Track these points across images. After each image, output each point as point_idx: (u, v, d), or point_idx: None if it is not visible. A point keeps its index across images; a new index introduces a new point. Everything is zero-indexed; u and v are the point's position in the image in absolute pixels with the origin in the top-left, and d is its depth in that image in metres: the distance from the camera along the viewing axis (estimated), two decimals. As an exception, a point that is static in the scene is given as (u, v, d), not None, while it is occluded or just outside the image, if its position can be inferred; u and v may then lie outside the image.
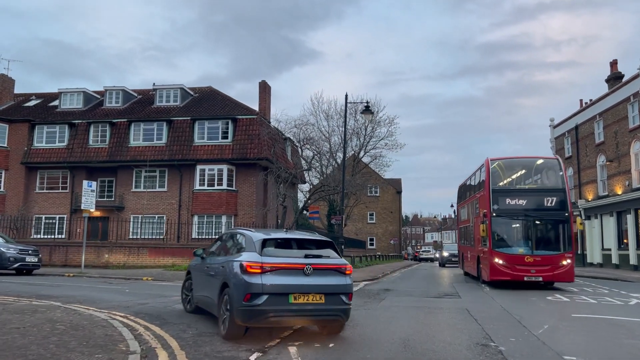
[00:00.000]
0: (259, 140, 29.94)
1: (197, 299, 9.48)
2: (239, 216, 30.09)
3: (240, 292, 7.06)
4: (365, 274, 22.91)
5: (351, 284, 7.80)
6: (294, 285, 7.11)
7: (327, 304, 7.27)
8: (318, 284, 7.24)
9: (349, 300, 7.62)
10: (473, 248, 20.76)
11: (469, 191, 22.72)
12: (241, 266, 7.22)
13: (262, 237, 7.65)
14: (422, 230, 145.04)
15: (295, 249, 7.71)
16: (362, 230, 64.18)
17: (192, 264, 10.37)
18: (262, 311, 6.96)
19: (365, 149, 47.88)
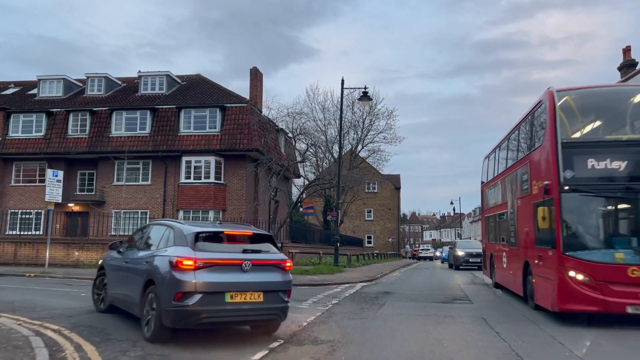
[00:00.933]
0: (249, 130, 27.93)
1: (113, 297, 8.55)
2: (228, 211, 28.09)
3: (170, 290, 6.44)
4: (362, 274, 20.96)
5: (290, 281, 7.40)
6: (230, 282, 6.62)
7: (265, 302, 6.85)
8: (257, 281, 6.81)
9: (287, 298, 7.24)
10: (515, 249, 12.97)
11: (507, 157, 14.51)
12: (171, 262, 6.57)
13: (194, 230, 7.03)
14: (421, 229, 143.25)
15: (232, 243, 7.24)
16: (360, 228, 62.24)
17: (106, 258, 9.38)
18: (194, 312, 6.39)
19: (362, 142, 45.89)
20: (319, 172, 40.40)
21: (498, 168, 15.82)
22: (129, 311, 7.84)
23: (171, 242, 7.14)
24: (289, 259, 7.54)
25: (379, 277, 20.91)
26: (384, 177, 57.80)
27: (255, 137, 27.68)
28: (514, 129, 13.90)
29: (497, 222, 16.07)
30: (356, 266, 26.63)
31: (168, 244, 7.17)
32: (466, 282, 19.63)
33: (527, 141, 12.06)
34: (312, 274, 19.35)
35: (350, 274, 20.74)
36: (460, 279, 21.06)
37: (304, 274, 19.16)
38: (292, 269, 19.34)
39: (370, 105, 45.90)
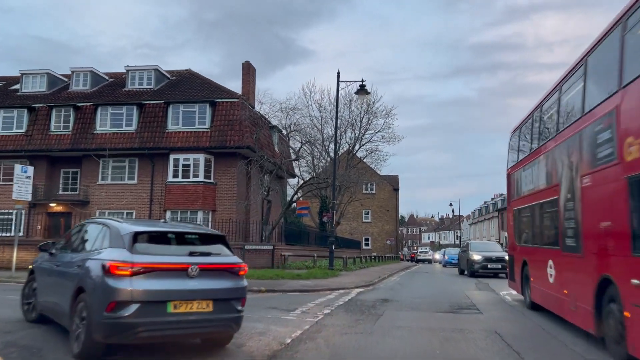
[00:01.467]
0: (240, 127, 26.55)
1: (43, 306, 7.60)
2: (218, 212, 26.69)
3: (102, 300, 5.59)
4: (359, 279, 19.58)
5: (245, 287, 6.54)
6: (174, 290, 5.81)
7: (215, 312, 6.05)
8: (205, 288, 6.01)
9: (241, 307, 6.43)
10: (576, 256, 8.48)
11: (558, 118, 10.01)
12: (104, 266, 5.70)
13: (132, 229, 6.12)
14: (419, 231, 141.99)
15: (177, 244, 6.40)
16: (357, 230, 60.85)
17: (37, 261, 8.38)
18: (130, 324, 5.54)
19: (360, 142, 44.57)
20: (314, 171, 39.05)
21: (540, 138, 11.08)
22: (59, 322, 6.92)
23: (107, 243, 6.22)
24: (243, 263, 6.65)
25: (376, 281, 19.53)
26: (382, 178, 56.50)
27: (247, 134, 26.30)
28: (574, 68, 9.23)
29: (536, 216, 11.14)
30: (353, 270, 25.25)
31: (103, 245, 6.25)
32: (470, 287, 18.27)
33: (611, 76, 7.27)
34: (304, 279, 17.96)
35: (346, 279, 19.35)
36: (463, 284, 19.71)
37: (296, 279, 17.78)
38: (284, 274, 17.93)
39: (368, 103, 44.66)
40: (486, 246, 26.76)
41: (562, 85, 9.92)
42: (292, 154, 30.39)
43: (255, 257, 22.00)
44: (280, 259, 23.04)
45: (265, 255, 22.33)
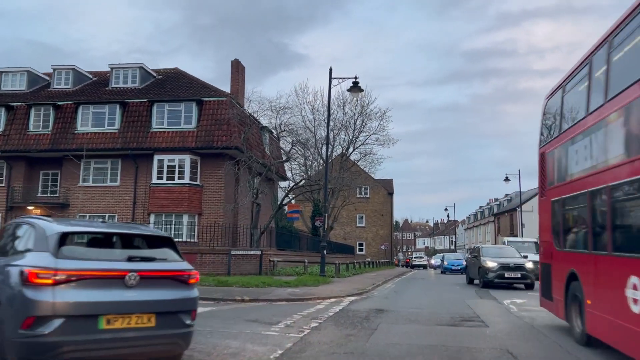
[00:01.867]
0: (228, 127, 25.36)
1: None
2: (204, 215, 25.45)
3: (17, 314, 4.67)
4: (352, 286, 18.39)
5: (196, 298, 5.74)
6: (108, 302, 4.92)
7: (159, 327, 5.19)
8: (146, 299, 5.15)
9: (191, 320, 5.58)
10: None
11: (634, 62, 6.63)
12: (21, 274, 4.79)
13: (60, 229, 5.19)
14: (413, 236, 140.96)
15: (115, 248, 5.69)
16: (351, 235, 59.63)
17: None
18: (51, 344, 4.63)
19: (354, 144, 43.48)
20: (307, 174, 37.87)
21: (610, 90, 7.19)
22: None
23: (30, 245, 5.28)
24: (194, 270, 5.78)
25: (370, 289, 18.34)
26: (377, 182, 55.49)
27: (235, 134, 25.12)
28: None
29: (601, 207, 7.42)
30: (345, 276, 24.05)
31: (27, 248, 5.32)
32: (470, 295, 17.10)
33: None
34: (293, 286, 16.75)
35: (338, 286, 18.16)
36: (462, 291, 18.56)
37: (284, 286, 16.57)
38: (271, 281, 16.67)
39: (362, 105, 43.67)
40: (500, 251, 22.35)
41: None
42: (283, 156, 29.17)
43: (242, 263, 20.80)
44: (269, 265, 21.83)
45: (253, 261, 21.12)
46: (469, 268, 23.58)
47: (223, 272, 20.04)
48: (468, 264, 23.90)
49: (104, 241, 5.63)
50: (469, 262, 23.72)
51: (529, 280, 19.49)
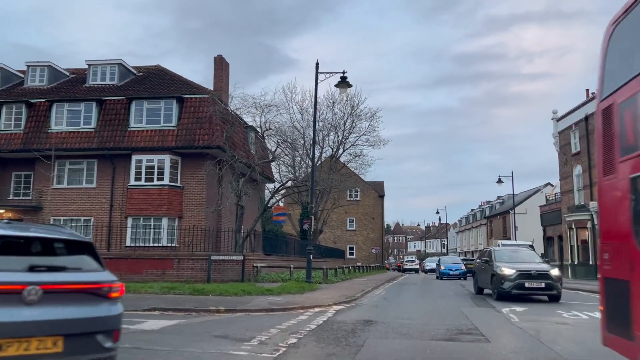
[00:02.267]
0: (210, 125, 24.12)
1: None
2: (185, 218, 24.17)
3: None
4: (339, 293, 17.19)
5: (119, 315, 4.66)
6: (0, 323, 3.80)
7: (68, 353, 4.11)
8: (51, 318, 4.08)
9: (113, 343, 4.48)
10: None
11: None
12: None
13: None
14: (405, 239, 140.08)
15: (14, 255, 4.36)
16: (341, 238, 58.51)
17: None
18: None
19: (344, 145, 42.37)
20: (295, 176, 36.66)
21: None
22: None
23: None
24: (117, 282, 4.81)
25: (359, 296, 17.15)
26: (367, 184, 54.36)
27: (217, 133, 23.89)
28: None
29: None
30: (333, 282, 22.85)
31: None
32: (465, 302, 15.97)
33: None
34: (275, 294, 15.53)
35: (325, 293, 16.96)
36: (456, 298, 17.41)
37: (265, 295, 15.34)
38: (252, 289, 15.37)
39: (352, 105, 42.64)
40: (517, 255, 18.28)
41: None
42: (269, 155, 27.94)
43: (223, 269, 19.55)
44: (252, 271, 20.59)
45: (235, 267, 19.87)
46: (478, 275, 19.47)
47: (202, 279, 18.81)
48: (477, 271, 19.83)
49: None
50: (477, 268, 19.74)
51: (555, 291, 15.93)
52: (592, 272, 29.31)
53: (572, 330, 10.11)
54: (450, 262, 36.37)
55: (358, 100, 42.82)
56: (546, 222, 41.51)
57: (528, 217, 50.50)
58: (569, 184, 35.62)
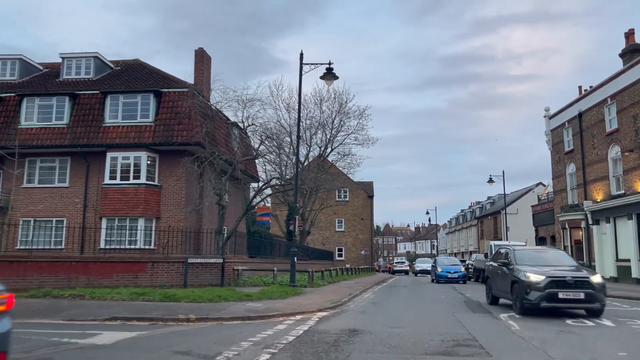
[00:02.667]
0: (189, 121, 22.88)
1: None
2: (163, 219, 22.89)
3: None
4: (324, 298, 16.04)
5: (6, 333, 3.86)
6: None
7: None
8: None
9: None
10: None
11: None
12: None
13: None
14: (395, 241, 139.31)
15: None
16: (330, 240, 57.37)
17: None
18: None
19: (332, 144, 41.28)
20: (281, 175, 35.44)
21: None
22: None
23: None
24: (4, 291, 4.16)
25: (346, 300, 16.01)
26: (356, 185, 53.35)
27: (197, 129, 22.66)
28: None
29: None
30: (319, 285, 21.69)
31: None
32: (458, 307, 14.87)
33: None
34: (255, 300, 14.35)
35: (309, 298, 15.81)
36: (448, 303, 16.32)
37: (244, 300, 14.14)
38: (230, 294, 14.14)
39: (340, 103, 41.54)
40: (544, 256, 14.33)
41: None
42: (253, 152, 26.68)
43: (201, 273, 18.33)
44: (232, 274, 19.38)
45: (214, 271, 18.65)
46: (492, 281, 15.74)
47: (179, 284, 17.57)
48: (490, 276, 16.05)
49: None
50: (491, 273, 15.93)
51: (599, 304, 12.24)
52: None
53: (580, 341, 9.05)
54: (448, 263, 31.78)
55: (346, 98, 41.90)
56: (538, 222, 40.68)
57: (519, 217, 49.72)
58: (562, 182, 34.79)
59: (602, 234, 29.30)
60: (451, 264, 31.44)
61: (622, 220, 27.11)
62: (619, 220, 27.63)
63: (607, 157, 28.66)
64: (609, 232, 28.30)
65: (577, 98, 32.85)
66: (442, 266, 30.39)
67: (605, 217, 28.73)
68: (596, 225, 29.90)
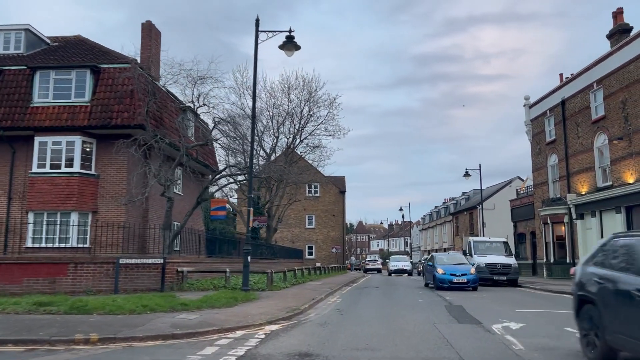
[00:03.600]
0: (131, 100, 19.92)
1: None
2: (101, 213, 19.88)
3: None
4: (281, 305, 13.40)
5: None
6: None
7: None
8: None
9: None
10: None
11: None
12: None
13: None
14: (368, 238, 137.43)
15: None
16: (300, 237, 54.69)
17: None
18: None
19: (300, 135, 38.67)
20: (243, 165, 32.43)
21: None
22: None
23: None
24: None
25: (306, 308, 13.39)
26: (327, 179, 50.80)
27: (140, 110, 19.70)
28: None
29: None
30: (280, 288, 19.02)
31: None
32: (439, 315, 12.40)
33: None
34: (192, 310, 11.61)
35: (261, 306, 13.14)
36: (428, 309, 13.84)
37: (176, 311, 11.39)
38: (162, 303, 9.95)
39: (310, 91, 38.93)
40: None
41: None
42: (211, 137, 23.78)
43: (136, 276, 15.51)
44: (176, 277, 16.58)
45: (153, 273, 15.84)
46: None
47: (109, 289, 14.73)
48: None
49: None
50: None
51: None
52: (569, 271, 26.52)
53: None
54: (449, 261, 22.58)
55: (316, 86, 39.29)
56: (517, 218, 38.81)
57: (496, 212, 47.90)
58: (542, 175, 32.88)
59: (587, 229, 27.37)
60: (457, 262, 22.52)
61: (610, 213, 25.19)
62: (605, 214, 25.71)
63: (592, 147, 26.74)
64: (595, 226, 26.37)
65: (559, 85, 30.94)
66: (442, 266, 21.87)
67: (591, 210, 26.81)
68: (580, 219, 27.98)
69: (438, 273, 21.38)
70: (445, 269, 21.48)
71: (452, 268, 21.51)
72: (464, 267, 21.80)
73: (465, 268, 21.60)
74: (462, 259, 23.22)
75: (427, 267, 23.91)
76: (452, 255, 25.12)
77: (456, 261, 22.67)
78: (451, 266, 21.77)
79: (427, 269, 23.88)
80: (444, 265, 21.85)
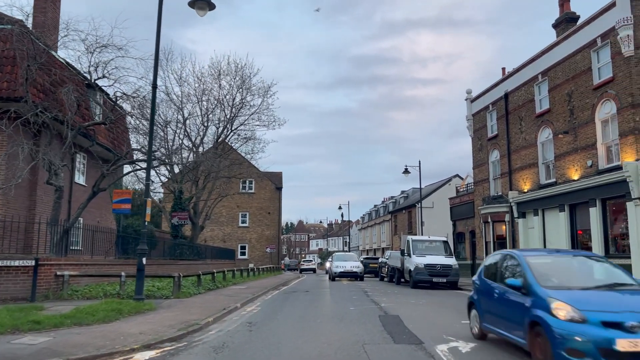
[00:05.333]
0: (13, 69, 16.47)
1: None
2: (-29, 204, 16.31)
3: None
4: (179, 318, 10.66)
5: None
6: None
7: None
8: None
9: None
10: None
11: None
12: None
13: None
14: (308, 238, 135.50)
15: None
16: (232, 236, 51.52)
17: None
18: None
19: (232, 125, 35.70)
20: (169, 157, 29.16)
21: None
22: None
23: None
24: None
25: (209, 322, 10.71)
26: (263, 174, 47.99)
27: (23, 79, 16.26)
28: None
29: None
30: (190, 295, 16.15)
31: None
32: (374, 331, 10.06)
33: None
34: (45, 329, 8.69)
35: (150, 320, 10.34)
36: (356, 320, 11.48)
37: (19, 332, 8.44)
38: (15, 318, 8.06)
39: (243, 78, 36.06)
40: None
41: None
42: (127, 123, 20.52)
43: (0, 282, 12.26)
44: (55, 282, 13.44)
45: (23, 278, 12.64)
46: None
47: (-43, 299, 11.44)
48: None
49: None
50: None
51: None
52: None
53: None
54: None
55: (250, 72, 36.54)
56: (456, 216, 37.54)
57: (435, 211, 46.78)
58: (483, 172, 31.61)
59: (529, 228, 26.12)
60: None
61: (553, 212, 23.95)
62: (548, 213, 24.48)
63: (536, 142, 25.48)
64: (537, 225, 25.12)
65: (502, 77, 29.69)
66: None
67: (533, 209, 25.54)
68: (522, 218, 26.72)
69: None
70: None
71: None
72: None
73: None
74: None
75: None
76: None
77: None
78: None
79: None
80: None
